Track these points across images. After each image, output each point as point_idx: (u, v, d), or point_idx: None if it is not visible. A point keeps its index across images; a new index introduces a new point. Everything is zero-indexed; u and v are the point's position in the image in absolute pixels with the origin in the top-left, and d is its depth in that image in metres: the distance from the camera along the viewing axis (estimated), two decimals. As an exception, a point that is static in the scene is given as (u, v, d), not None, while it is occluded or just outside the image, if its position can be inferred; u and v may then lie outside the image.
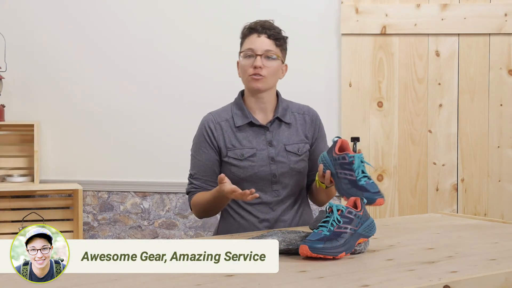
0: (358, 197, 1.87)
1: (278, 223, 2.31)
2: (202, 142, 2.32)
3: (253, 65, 2.26)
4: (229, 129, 2.31)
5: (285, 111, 2.35)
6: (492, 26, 3.85)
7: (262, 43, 2.27)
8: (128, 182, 4.17)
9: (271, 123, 2.32)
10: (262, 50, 2.27)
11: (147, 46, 4.15)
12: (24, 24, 4.22)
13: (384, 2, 3.90)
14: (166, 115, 4.11)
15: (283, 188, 2.31)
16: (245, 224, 2.31)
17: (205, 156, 2.31)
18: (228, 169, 2.28)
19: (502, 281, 1.55)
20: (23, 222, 4.03)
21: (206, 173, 2.32)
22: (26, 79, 4.23)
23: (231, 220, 2.34)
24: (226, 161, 2.29)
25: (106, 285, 1.47)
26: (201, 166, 2.32)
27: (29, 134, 4.17)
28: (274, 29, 2.31)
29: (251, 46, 2.27)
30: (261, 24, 2.30)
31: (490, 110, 3.89)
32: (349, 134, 3.92)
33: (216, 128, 2.31)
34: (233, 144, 2.29)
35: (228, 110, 2.36)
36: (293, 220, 2.34)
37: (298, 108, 2.40)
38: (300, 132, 2.35)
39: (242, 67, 2.30)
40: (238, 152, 2.28)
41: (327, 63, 4.01)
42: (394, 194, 3.91)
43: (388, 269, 1.62)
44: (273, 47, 2.29)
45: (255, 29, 2.29)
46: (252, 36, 2.29)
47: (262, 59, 2.26)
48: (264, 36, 2.28)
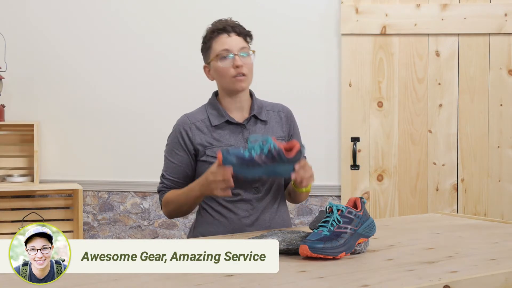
0: (358, 197, 1.88)
1: (258, 221, 2.29)
2: (176, 144, 2.31)
3: (234, 64, 2.23)
4: (205, 129, 2.29)
5: (260, 109, 2.34)
6: (492, 26, 3.85)
7: (236, 42, 2.25)
8: (128, 182, 4.17)
9: (247, 120, 2.31)
10: (237, 48, 2.25)
11: (147, 46, 4.15)
12: (24, 24, 4.22)
13: (384, 2, 3.90)
14: (166, 115, 4.09)
15: (263, 185, 2.29)
16: (224, 222, 2.28)
17: (178, 159, 2.31)
18: (206, 168, 2.23)
19: (502, 281, 1.55)
20: (23, 222, 4.03)
21: (177, 175, 2.32)
22: (26, 79, 4.23)
23: (209, 218, 2.31)
24: (204, 160, 2.27)
25: (106, 285, 1.47)
26: (174, 167, 2.32)
27: (29, 134, 4.17)
28: (240, 26, 2.30)
29: (225, 46, 2.25)
30: (229, 24, 2.28)
31: (490, 110, 3.89)
32: (349, 134, 3.92)
33: (191, 128, 2.30)
34: (210, 142, 2.27)
35: (202, 111, 2.35)
36: (273, 219, 2.32)
37: (272, 106, 2.39)
38: (276, 129, 2.35)
39: (221, 70, 2.26)
40: (215, 150, 2.25)
41: (327, 63, 4.01)
42: (394, 194, 3.91)
43: (388, 269, 1.62)
44: (245, 44, 2.28)
45: (224, 29, 2.27)
46: (222, 37, 2.26)
47: (239, 58, 2.24)
48: (235, 35, 2.27)
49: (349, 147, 3.92)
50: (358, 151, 3.91)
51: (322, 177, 3.72)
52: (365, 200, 1.88)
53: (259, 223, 2.29)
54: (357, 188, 3.92)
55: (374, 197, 3.92)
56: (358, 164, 3.91)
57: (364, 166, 3.91)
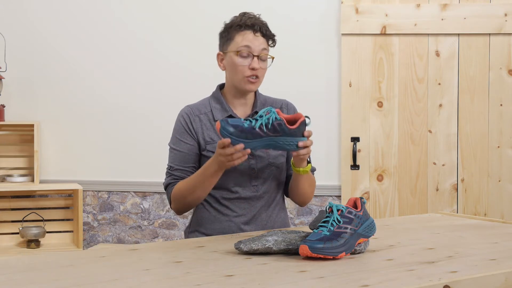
0: (358, 197, 1.87)
1: (255, 220, 2.28)
2: (183, 132, 2.27)
3: (251, 66, 2.20)
4: (208, 123, 2.27)
5: (263, 105, 2.32)
6: (492, 26, 3.85)
7: (259, 43, 2.21)
8: (128, 182, 4.17)
9: (250, 117, 2.29)
10: (259, 50, 2.21)
11: (147, 46, 4.15)
12: (24, 24, 4.22)
13: (384, 2, 3.90)
14: (166, 115, 4.08)
15: (262, 184, 2.27)
16: (221, 219, 2.27)
17: (186, 147, 2.25)
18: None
19: (502, 281, 1.55)
20: (23, 222, 4.03)
21: (187, 163, 2.25)
22: (26, 79, 4.23)
23: (206, 215, 2.30)
24: (205, 154, 2.25)
25: (106, 285, 1.47)
26: (182, 156, 2.25)
27: (29, 134, 4.17)
28: (267, 27, 2.26)
29: (249, 44, 2.20)
30: (258, 22, 2.23)
31: (490, 110, 3.89)
32: (349, 134, 3.92)
33: (195, 120, 2.27)
34: (212, 137, 2.25)
35: (206, 104, 2.31)
36: (269, 219, 2.31)
37: (275, 102, 2.37)
38: None
39: (237, 66, 2.21)
40: (216, 146, 2.20)
41: (327, 63, 4.01)
42: (394, 194, 3.91)
43: (388, 269, 1.62)
44: (267, 47, 2.25)
45: (252, 26, 2.22)
46: (247, 33, 2.21)
47: (258, 60, 2.21)
48: (260, 35, 2.23)
49: (349, 147, 3.92)
50: (358, 151, 3.91)
51: (322, 177, 3.72)
52: (365, 200, 1.88)
53: (255, 222, 2.29)
54: (357, 188, 3.92)
55: (374, 197, 3.92)
56: (358, 164, 3.91)
57: (364, 166, 3.91)
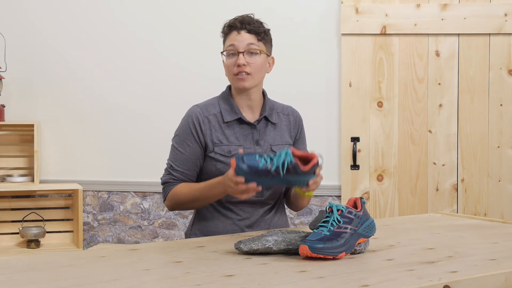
0: (358, 197, 1.87)
1: (257, 224, 2.28)
2: (188, 135, 2.26)
3: (236, 63, 2.22)
4: (217, 124, 2.27)
5: (271, 110, 2.32)
6: (492, 26, 3.85)
7: (243, 39, 2.23)
8: (128, 182, 4.17)
9: (258, 121, 2.29)
10: (243, 46, 2.22)
11: (147, 46, 4.15)
12: (24, 24, 4.22)
13: (384, 2, 3.90)
14: (166, 115, 4.10)
15: (267, 189, 2.28)
16: (224, 221, 2.27)
17: (189, 150, 2.26)
18: (213, 165, 2.24)
19: (502, 281, 1.55)
20: (23, 222, 4.03)
21: (187, 167, 2.26)
22: (26, 79, 4.23)
23: (209, 216, 2.30)
24: (212, 156, 2.24)
25: (106, 285, 1.47)
26: (184, 159, 2.26)
27: (29, 134, 4.17)
28: (254, 23, 2.26)
29: (233, 42, 2.23)
30: (240, 20, 2.25)
31: (490, 110, 3.89)
32: (349, 134, 3.92)
33: (204, 122, 2.26)
34: (220, 140, 2.25)
35: (215, 104, 2.31)
36: (272, 221, 2.32)
37: (283, 109, 2.38)
38: (284, 133, 2.33)
39: (227, 67, 2.26)
40: (225, 149, 2.23)
41: (327, 63, 4.01)
42: (394, 194, 3.91)
43: (388, 269, 1.62)
44: (255, 42, 2.24)
45: (234, 26, 2.25)
46: (232, 33, 2.25)
47: (245, 56, 2.22)
48: (244, 32, 2.24)
49: (349, 147, 3.92)
50: (358, 151, 3.91)
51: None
52: (365, 200, 1.88)
53: (258, 225, 2.29)
54: (357, 188, 3.92)
55: (374, 197, 3.92)
56: (358, 164, 3.91)
57: (364, 166, 3.91)
